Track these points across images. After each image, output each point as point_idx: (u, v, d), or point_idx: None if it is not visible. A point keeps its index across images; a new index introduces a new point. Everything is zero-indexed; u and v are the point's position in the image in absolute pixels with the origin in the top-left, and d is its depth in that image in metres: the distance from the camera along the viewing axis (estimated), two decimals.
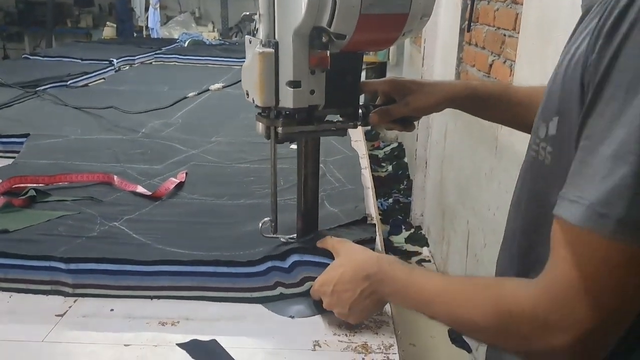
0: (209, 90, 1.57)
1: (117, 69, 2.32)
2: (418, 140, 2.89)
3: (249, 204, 0.93)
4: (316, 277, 0.70)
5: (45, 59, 2.40)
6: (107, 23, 4.16)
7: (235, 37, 4.89)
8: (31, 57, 2.42)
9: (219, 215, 0.88)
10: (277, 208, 0.77)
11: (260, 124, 0.72)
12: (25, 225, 0.81)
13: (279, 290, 0.73)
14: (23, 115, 1.44)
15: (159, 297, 0.73)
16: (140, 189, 0.97)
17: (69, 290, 0.73)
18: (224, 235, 0.81)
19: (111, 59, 2.34)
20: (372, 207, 0.99)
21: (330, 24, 0.62)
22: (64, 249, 0.75)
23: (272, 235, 0.77)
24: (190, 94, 1.55)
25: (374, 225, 0.84)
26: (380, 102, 0.81)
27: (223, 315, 0.71)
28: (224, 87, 1.63)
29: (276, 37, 0.66)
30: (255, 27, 0.71)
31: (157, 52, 2.77)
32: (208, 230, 0.83)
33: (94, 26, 5.40)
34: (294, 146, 1.26)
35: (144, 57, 2.63)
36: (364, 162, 1.21)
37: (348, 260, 0.68)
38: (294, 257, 0.73)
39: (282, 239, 0.78)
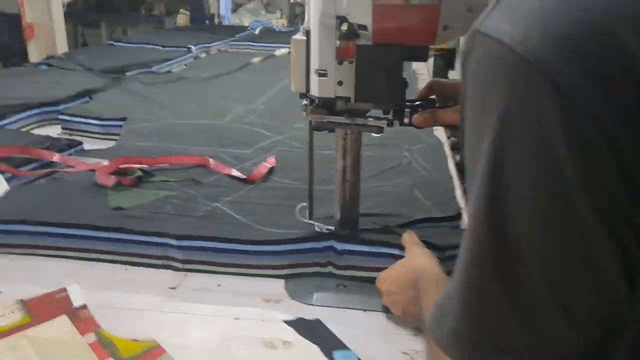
0: (273, 55, 1.55)
1: (195, 56, 2.40)
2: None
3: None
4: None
5: (127, 45, 2.51)
6: (181, 10, 4.29)
7: (302, 23, 4.91)
8: (114, 44, 2.53)
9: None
10: (313, 195, 0.80)
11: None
12: (137, 204, 0.87)
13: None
14: (117, 100, 1.53)
15: (261, 275, 0.78)
16: (235, 172, 1.02)
17: (179, 265, 0.79)
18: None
19: (189, 46, 2.42)
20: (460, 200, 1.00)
21: (348, 13, 0.62)
22: (174, 225, 0.80)
23: (307, 221, 0.80)
24: (255, 59, 1.56)
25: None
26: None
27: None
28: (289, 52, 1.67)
29: (309, 25, 0.68)
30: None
31: (231, 39, 2.84)
32: None
33: (167, 13, 5.56)
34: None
35: (220, 44, 2.71)
36: (447, 151, 1.22)
37: (408, 262, 0.69)
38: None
39: (317, 228, 0.79)
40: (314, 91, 0.69)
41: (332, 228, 0.79)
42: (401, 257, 0.72)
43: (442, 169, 1.05)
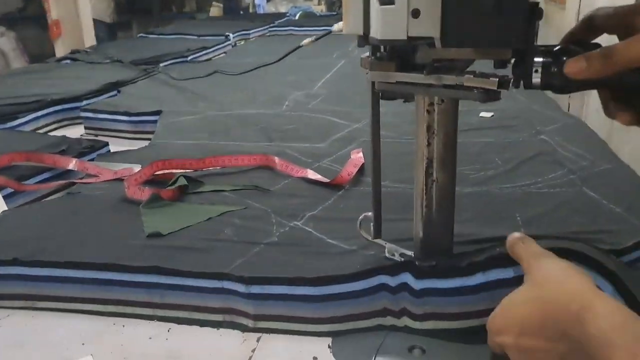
0: (330, 32, 1.31)
1: (233, 44, 2.15)
2: (570, 110, 2.48)
3: (470, 194, 0.66)
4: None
5: (160, 36, 2.27)
6: (213, 3, 4.06)
7: (339, 8, 4.67)
8: (147, 36, 2.30)
9: None
10: (380, 198, 0.51)
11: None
12: (182, 227, 0.60)
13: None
14: (149, 92, 1.27)
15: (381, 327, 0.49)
16: (312, 174, 0.74)
17: (249, 323, 0.51)
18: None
19: (227, 33, 2.18)
20: None
21: None
22: (239, 262, 0.52)
23: (371, 239, 0.51)
24: (305, 42, 1.32)
25: None
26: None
27: None
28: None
29: None
30: None
31: (270, 25, 2.60)
32: None
33: (198, 9, 5.38)
34: (485, 114, 0.98)
35: (259, 31, 2.45)
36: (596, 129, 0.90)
37: (541, 289, 0.39)
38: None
39: (387, 252, 0.51)
40: (376, 31, 0.41)
41: (411, 254, 0.50)
42: None
43: (605, 155, 0.74)
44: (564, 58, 0.40)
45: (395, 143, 0.86)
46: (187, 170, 0.75)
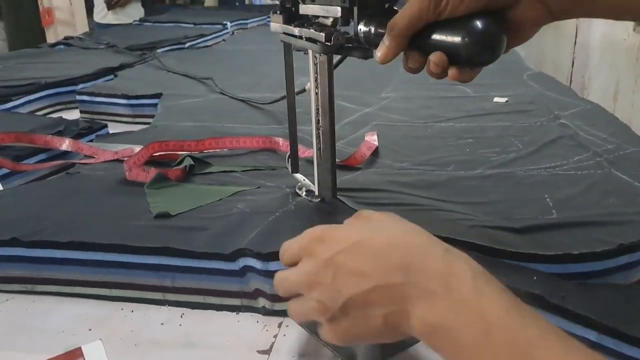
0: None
1: (231, 32, 2.11)
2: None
3: (493, 175, 0.63)
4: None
5: (156, 24, 2.22)
6: None
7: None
8: (143, 23, 2.25)
9: (461, 192, 0.59)
10: (296, 139, 0.61)
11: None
12: (192, 207, 0.56)
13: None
14: (148, 76, 1.22)
15: None
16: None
17: (267, 304, 0.47)
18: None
19: (224, 22, 2.13)
20: None
21: None
22: (255, 232, 0.49)
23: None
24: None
25: None
26: None
27: None
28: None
29: None
30: None
31: (268, 16, 2.55)
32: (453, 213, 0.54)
33: (192, 2, 5.31)
34: (499, 99, 0.95)
35: (257, 21, 2.41)
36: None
37: (378, 227, 0.35)
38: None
39: (296, 189, 0.58)
40: None
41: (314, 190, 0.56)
42: None
43: (631, 138, 0.71)
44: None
45: (410, 127, 0.83)
46: (194, 153, 0.72)
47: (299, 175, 0.62)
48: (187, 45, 1.70)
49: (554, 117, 0.81)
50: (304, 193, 0.58)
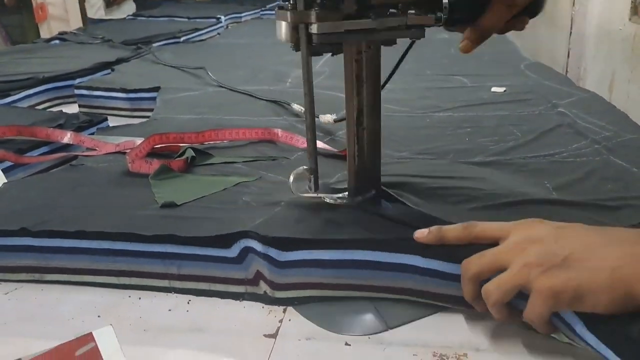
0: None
1: (225, 26, 2.11)
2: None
3: (493, 162, 0.64)
4: None
5: (150, 18, 2.22)
6: None
7: None
8: (136, 18, 2.24)
9: (460, 179, 0.60)
10: (317, 154, 0.50)
11: (283, 23, 0.45)
12: (196, 197, 0.57)
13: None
14: (145, 70, 1.23)
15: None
16: (321, 145, 0.71)
17: (268, 290, 0.48)
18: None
19: (218, 16, 2.13)
20: None
21: None
22: (260, 220, 0.49)
23: (311, 195, 0.51)
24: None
25: None
26: None
27: None
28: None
29: None
30: None
31: (262, 9, 2.55)
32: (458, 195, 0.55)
33: None
34: (497, 89, 0.96)
35: (251, 14, 2.41)
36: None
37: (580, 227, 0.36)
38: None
39: (327, 200, 0.52)
40: None
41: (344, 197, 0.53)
42: None
43: (629, 126, 0.72)
44: None
45: (409, 117, 0.84)
46: (196, 144, 0.72)
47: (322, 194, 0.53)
48: (182, 39, 1.70)
49: (552, 106, 0.82)
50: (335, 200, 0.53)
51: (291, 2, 0.44)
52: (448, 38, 1.46)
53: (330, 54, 0.47)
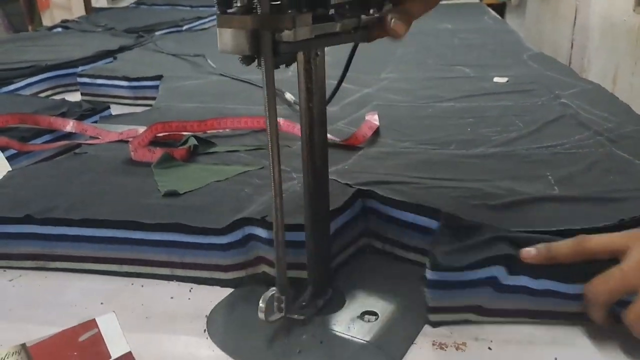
0: None
1: None
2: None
3: (496, 154, 0.64)
4: None
5: (153, 7, 2.21)
6: None
7: None
8: (139, 6, 2.23)
9: (464, 171, 0.60)
10: (282, 224, 0.40)
11: (230, 31, 0.36)
12: (199, 186, 0.57)
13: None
14: (148, 58, 1.22)
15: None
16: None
17: (267, 269, 0.48)
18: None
19: None
20: None
21: None
22: (262, 208, 0.50)
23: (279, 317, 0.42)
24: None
25: None
26: None
27: None
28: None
29: None
30: None
31: None
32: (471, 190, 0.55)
33: None
34: (499, 79, 0.96)
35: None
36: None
37: None
38: None
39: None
40: None
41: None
42: None
43: (631, 117, 0.72)
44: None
45: (411, 107, 0.84)
46: (198, 133, 0.72)
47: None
48: (184, 27, 1.70)
49: (554, 97, 0.82)
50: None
51: (243, 5, 0.35)
52: (451, 28, 1.45)
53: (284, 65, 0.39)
